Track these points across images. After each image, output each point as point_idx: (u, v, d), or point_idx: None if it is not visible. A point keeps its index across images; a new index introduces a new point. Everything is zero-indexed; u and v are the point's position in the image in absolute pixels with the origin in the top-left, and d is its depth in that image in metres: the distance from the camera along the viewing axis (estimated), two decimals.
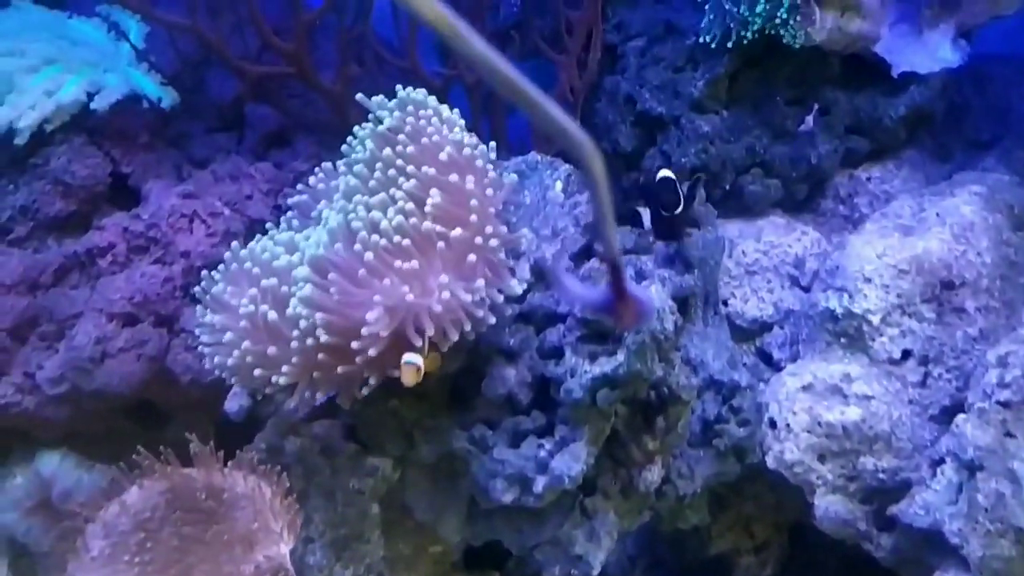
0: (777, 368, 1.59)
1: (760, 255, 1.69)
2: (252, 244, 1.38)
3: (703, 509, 1.53)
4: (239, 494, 1.17)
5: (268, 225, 1.45)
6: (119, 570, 1.15)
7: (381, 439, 1.44)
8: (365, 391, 1.28)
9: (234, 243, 1.38)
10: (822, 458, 1.44)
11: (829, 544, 1.56)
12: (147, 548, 1.17)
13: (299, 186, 1.47)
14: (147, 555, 1.17)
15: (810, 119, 1.75)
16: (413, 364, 1.18)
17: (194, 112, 1.91)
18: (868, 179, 1.78)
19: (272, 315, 1.22)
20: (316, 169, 1.47)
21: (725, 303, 1.68)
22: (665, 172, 1.42)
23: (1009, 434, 1.28)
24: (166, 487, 1.19)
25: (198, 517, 1.18)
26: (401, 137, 1.29)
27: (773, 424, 1.46)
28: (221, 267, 1.36)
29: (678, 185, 1.43)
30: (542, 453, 1.32)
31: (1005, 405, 1.29)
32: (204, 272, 1.37)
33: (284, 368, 1.21)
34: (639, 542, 1.95)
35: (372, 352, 1.18)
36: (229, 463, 1.22)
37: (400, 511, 1.48)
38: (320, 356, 1.19)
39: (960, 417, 1.33)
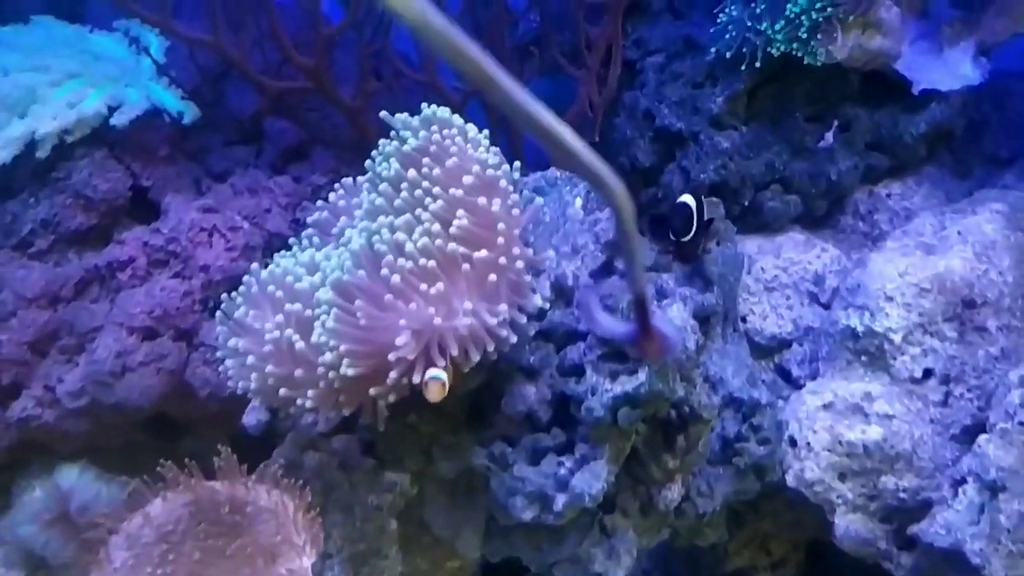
0: (796, 385, 1.59)
1: (779, 271, 1.69)
2: (272, 266, 1.37)
3: (722, 527, 1.53)
4: (262, 507, 1.17)
5: (292, 241, 1.44)
6: None
7: (400, 454, 1.44)
8: (383, 404, 1.28)
9: (253, 265, 1.37)
10: (842, 477, 1.43)
11: (846, 562, 1.56)
12: (169, 560, 1.17)
13: (319, 203, 1.47)
14: (169, 567, 1.17)
15: (830, 135, 1.75)
16: (439, 380, 1.17)
17: (213, 126, 1.92)
18: (888, 196, 1.78)
19: (298, 342, 1.22)
20: (336, 185, 1.47)
21: (744, 320, 1.68)
22: (686, 198, 1.42)
23: None
24: (189, 499, 1.19)
25: (221, 530, 1.18)
26: (426, 159, 1.29)
27: (793, 442, 1.46)
28: (242, 289, 1.36)
29: (695, 213, 1.43)
30: (562, 471, 1.32)
31: None
32: (224, 296, 1.37)
33: (310, 393, 1.21)
34: (654, 557, 1.94)
35: (404, 378, 1.18)
36: (252, 476, 1.22)
37: (418, 527, 1.48)
38: (348, 381, 1.19)
39: (982, 437, 1.32)
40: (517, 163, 1.36)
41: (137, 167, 1.77)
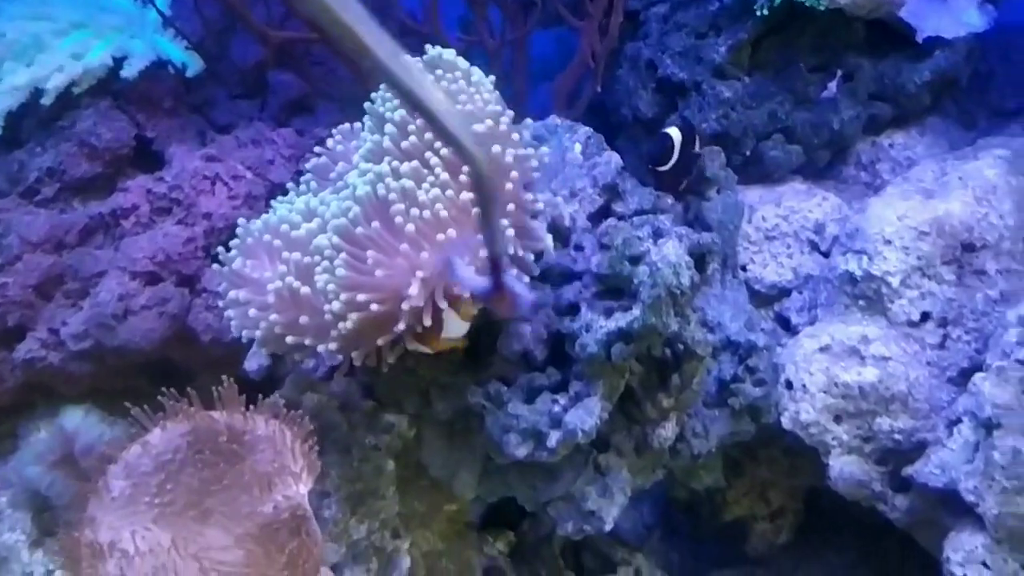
0: (795, 332, 1.58)
1: (780, 220, 1.68)
2: (267, 215, 1.36)
3: (717, 469, 1.53)
4: (260, 436, 1.17)
5: (289, 186, 1.44)
6: (139, 511, 1.16)
7: (398, 396, 1.45)
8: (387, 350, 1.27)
9: (240, 219, 1.36)
10: (838, 419, 1.43)
11: (844, 510, 1.56)
12: (167, 490, 1.18)
13: (316, 148, 1.46)
14: (167, 496, 1.17)
15: (833, 85, 1.74)
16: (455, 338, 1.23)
17: (217, 78, 1.93)
18: (891, 145, 1.77)
19: (302, 288, 1.21)
20: (334, 131, 1.46)
21: (744, 268, 1.67)
22: (671, 130, 1.43)
23: None
24: (188, 429, 1.19)
25: (218, 459, 1.18)
26: None
27: (789, 385, 1.46)
28: (236, 241, 1.34)
29: (675, 145, 1.44)
30: (556, 408, 1.32)
31: None
32: (221, 248, 1.35)
33: (329, 345, 1.20)
34: (655, 511, 1.95)
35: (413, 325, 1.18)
36: (252, 407, 1.23)
37: (415, 468, 1.49)
38: (359, 329, 1.18)
39: (978, 376, 1.32)
40: (511, 113, 1.34)
41: (142, 118, 1.78)
